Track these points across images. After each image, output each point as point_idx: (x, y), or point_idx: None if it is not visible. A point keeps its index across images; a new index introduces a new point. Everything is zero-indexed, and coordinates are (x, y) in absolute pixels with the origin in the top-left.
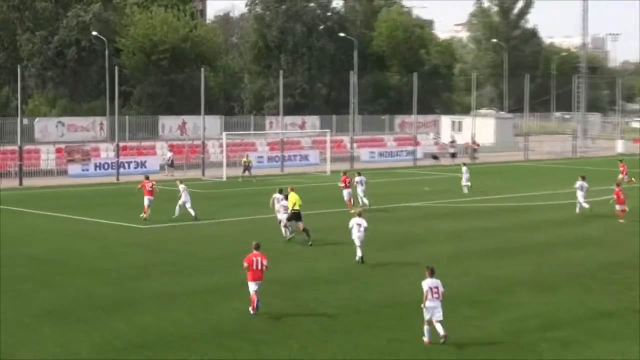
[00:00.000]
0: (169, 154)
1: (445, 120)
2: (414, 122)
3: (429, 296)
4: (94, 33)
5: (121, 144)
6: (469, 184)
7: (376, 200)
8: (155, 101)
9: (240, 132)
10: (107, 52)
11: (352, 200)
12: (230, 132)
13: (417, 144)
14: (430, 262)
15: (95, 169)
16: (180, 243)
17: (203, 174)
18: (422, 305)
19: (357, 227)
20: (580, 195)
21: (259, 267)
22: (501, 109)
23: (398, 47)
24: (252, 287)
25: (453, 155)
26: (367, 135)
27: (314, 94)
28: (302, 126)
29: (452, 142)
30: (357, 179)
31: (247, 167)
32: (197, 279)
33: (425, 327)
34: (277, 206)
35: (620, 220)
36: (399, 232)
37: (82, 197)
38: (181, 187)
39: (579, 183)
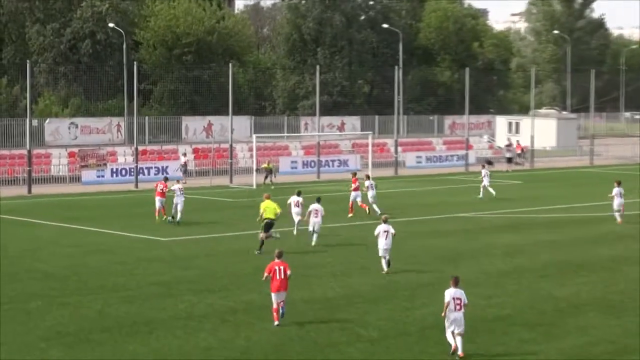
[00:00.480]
0: (183, 159)
1: (501, 121)
2: (466, 123)
3: (451, 307)
4: (111, 25)
5: (140, 148)
6: (489, 189)
7: (423, 210)
8: (178, 100)
9: (272, 135)
10: (125, 45)
11: (352, 205)
12: (261, 135)
13: (469, 147)
14: (483, 279)
15: (112, 175)
16: (205, 258)
17: (231, 181)
18: (442, 315)
19: (383, 234)
20: (616, 204)
21: (282, 277)
22: (563, 109)
23: (448, 39)
24: (275, 298)
25: (509, 160)
26: (414, 138)
27: (354, 92)
28: (340, 128)
29: (509, 145)
30: (367, 183)
31: (270, 173)
32: (224, 297)
33: (448, 336)
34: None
35: None
36: (447, 246)
37: (96, 207)
38: (176, 187)
39: (615, 190)
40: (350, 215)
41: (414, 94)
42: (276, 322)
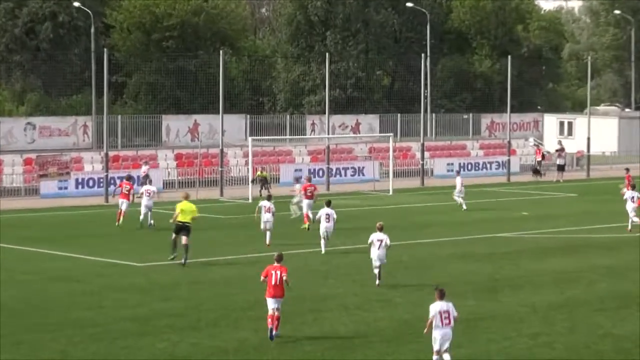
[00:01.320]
0: (144, 168)
1: (550, 121)
2: (508, 123)
3: (437, 322)
4: (76, 4)
5: (111, 153)
6: (461, 199)
7: (455, 229)
8: (158, 95)
9: (272, 137)
10: (93, 29)
11: (310, 215)
12: (259, 137)
13: (511, 152)
14: (528, 313)
15: (77, 187)
16: (190, 287)
17: (221, 194)
18: (425, 332)
19: (377, 243)
20: (630, 208)
21: (278, 282)
22: (627, 105)
23: (486, 21)
24: (271, 304)
25: (561, 167)
26: (444, 141)
27: (372, 86)
28: (355, 129)
29: (560, 150)
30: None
31: (265, 183)
32: (212, 336)
33: (435, 358)
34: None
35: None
36: (484, 273)
37: (58, 225)
38: (144, 189)
39: (628, 193)
40: (303, 226)
41: (445, 87)
42: (270, 328)
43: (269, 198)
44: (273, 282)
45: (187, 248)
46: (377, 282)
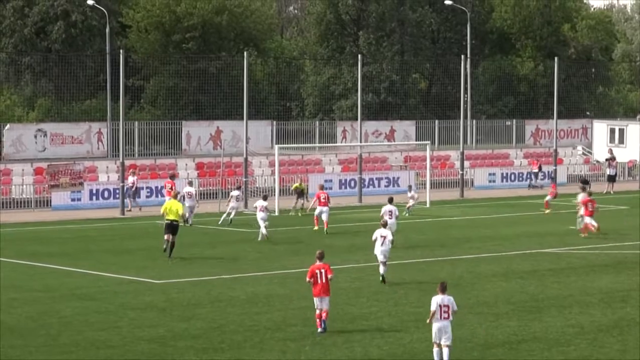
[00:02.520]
0: (132, 179)
1: (600, 128)
2: (554, 130)
3: (437, 315)
4: (90, 2)
5: (128, 162)
6: (410, 205)
7: (497, 244)
8: (178, 100)
9: (300, 145)
10: (108, 29)
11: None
12: (286, 145)
13: (558, 162)
14: (575, 334)
15: (91, 198)
16: (212, 306)
17: (246, 206)
18: (427, 322)
19: (380, 239)
20: None
21: (323, 281)
22: None
23: (530, 21)
24: (317, 303)
25: (611, 178)
26: (485, 150)
27: (408, 90)
28: (390, 136)
29: (611, 159)
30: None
31: (301, 195)
32: (236, 358)
33: (435, 350)
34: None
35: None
36: (528, 292)
37: (71, 239)
38: (186, 191)
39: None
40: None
41: (486, 91)
42: (319, 330)
43: (265, 198)
44: (319, 282)
45: (173, 245)
46: (381, 276)
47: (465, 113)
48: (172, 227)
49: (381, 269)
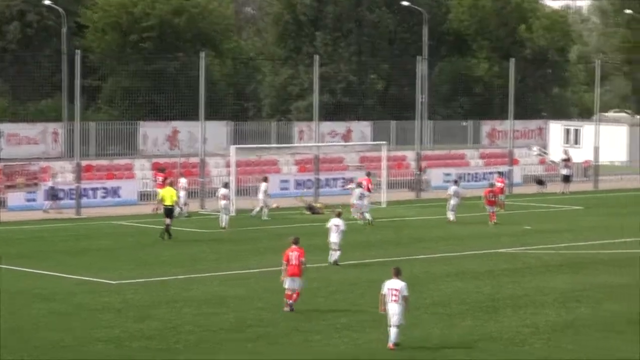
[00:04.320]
0: (51, 182)
1: (556, 128)
2: (510, 130)
3: (387, 299)
4: (47, 2)
5: (84, 163)
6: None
7: (452, 245)
8: (135, 100)
9: (257, 145)
10: (64, 29)
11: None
12: (243, 145)
13: (514, 162)
14: (530, 334)
15: (47, 199)
16: (168, 306)
17: (202, 206)
18: (380, 311)
19: (335, 228)
20: None
21: (295, 262)
22: (638, 112)
23: (487, 22)
24: (289, 283)
25: (566, 178)
26: (442, 150)
27: (365, 90)
28: (346, 136)
29: (566, 159)
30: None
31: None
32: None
33: (389, 329)
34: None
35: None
36: (483, 292)
37: (27, 240)
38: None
39: None
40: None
41: (443, 92)
42: (285, 309)
43: (226, 185)
44: (291, 263)
45: (168, 227)
46: (332, 260)
47: (421, 114)
48: (167, 211)
49: (332, 255)
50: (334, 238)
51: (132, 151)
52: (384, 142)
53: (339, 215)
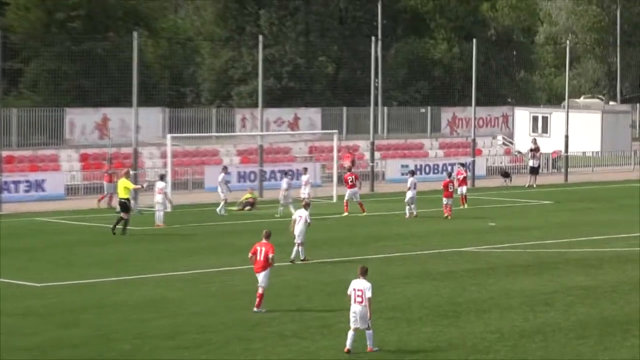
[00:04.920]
0: None
1: (522, 116)
2: (472, 118)
3: (352, 299)
4: None
5: (5, 154)
6: (289, 207)
7: (410, 243)
8: (60, 85)
9: (195, 134)
10: None
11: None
12: (179, 134)
13: (476, 153)
14: (495, 340)
15: None
16: (97, 311)
17: (135, 201)
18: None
19: (299, 219)
20: None
21: (261, 258)
22: (612, 98)
23: (447, 0)
24: (258, 279)
25: (534, 170)
26: (398, 140)
27: (313, 74)
28: (293, 124)
29: (534, 149)
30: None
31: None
32: None
33: (349, 333)
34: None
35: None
36: (444, 295)
37: None
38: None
39: None
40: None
41: (399, 76)
42: (255, 309)
43: (162, 177)
44: (257, 257)
45: (126, 222)
46: (293, 256)
47: (375, 99)
48: (121, 205)
49: (293, 252)
50: (296, 231)
51: (58, 141)
52: (335, 131)
53: (306, 206)
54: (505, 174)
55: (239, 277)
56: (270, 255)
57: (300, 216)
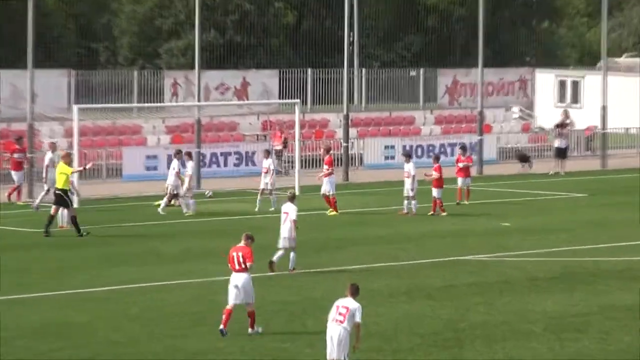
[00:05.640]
0: None
1: (546, 80)
2: (479, 84)
3: (330, 317)
4: None
5: None
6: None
7: (396, 250)
8: None
9: (111, 105)
10: None
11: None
12: (90, 105)
13: (484, 129)
14: None
15: None
16: None
17: (31, 194)
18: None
19: (283, 216)
20: None
21: (238, 266)
22: None
23: None
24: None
25: (561, 153)
26: (380, 112)
27: (267, 26)
28: (241, 92)
29: (561, 125)
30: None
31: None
32: None
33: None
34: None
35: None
36: (445, 317)
37: None
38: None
39: None
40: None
41: (381, 28)
42: (221, 328)
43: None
44: (235, 266)
45: (73, 219)
46: (275, 258)
47: (350, 59)
48: (57, 198)
49: (277, 254)
50: (283, 231)
51: None
52: (297, 101)
53: (291, 198)
54: (523, 158)
55: (169, 295)
56: (248, 264)
57: (286, 212)
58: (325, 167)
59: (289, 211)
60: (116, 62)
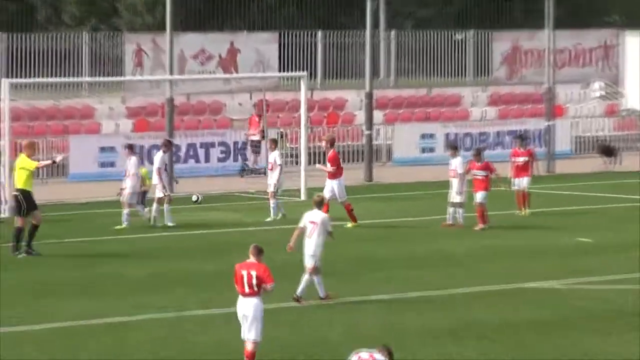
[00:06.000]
0: None
1: (638, 46)
2: (547, 51)
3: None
4: None
5: None
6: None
7: (441, 273)
8: None
9: (53, 79)
10: None
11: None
12: (24, 80)
13: (556, 112)
14: None
15: None
16: None
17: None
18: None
19: (310, 228)
20: None
21: (248, 289)
22: None
23: None
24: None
25: None
26: (414, 90)
27: None
28: (229, 62)
29: None
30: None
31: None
32: None
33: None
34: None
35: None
36: None
37: None
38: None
39: None
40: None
41: None
42: None
43: None
44: (243, 289)
45: (33, 229)
46: (298, 292)
47: (375, 19)
48: (16, 203)
49: (301, 285)
50: (309, 248)
51: None
52: (303, 74)
53: (318, 203)
54: (608, 150)
55: (131, 335)
56: (269, 286)
57: (314, 222)
58: (329, 165)
59: (318, 220)
60: (60, 22)
